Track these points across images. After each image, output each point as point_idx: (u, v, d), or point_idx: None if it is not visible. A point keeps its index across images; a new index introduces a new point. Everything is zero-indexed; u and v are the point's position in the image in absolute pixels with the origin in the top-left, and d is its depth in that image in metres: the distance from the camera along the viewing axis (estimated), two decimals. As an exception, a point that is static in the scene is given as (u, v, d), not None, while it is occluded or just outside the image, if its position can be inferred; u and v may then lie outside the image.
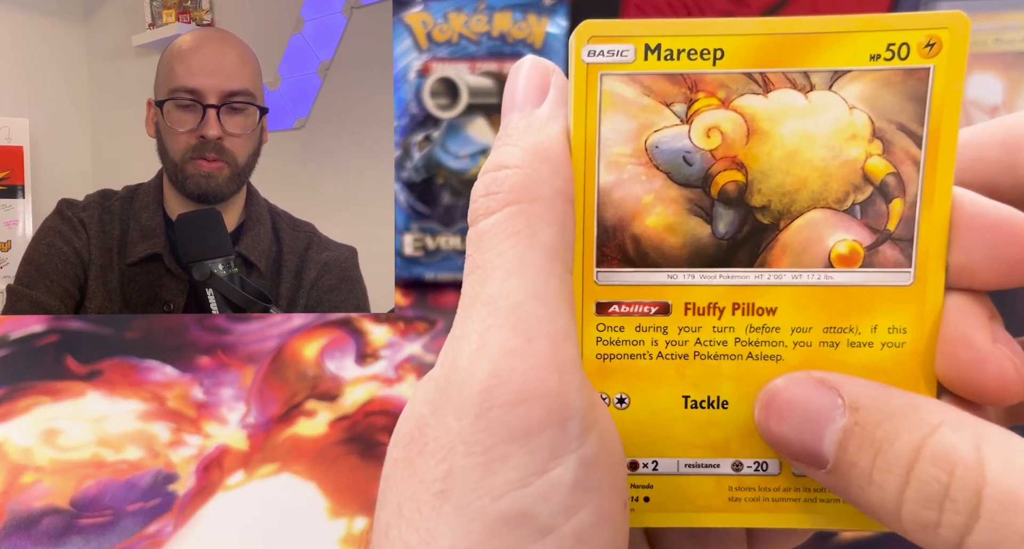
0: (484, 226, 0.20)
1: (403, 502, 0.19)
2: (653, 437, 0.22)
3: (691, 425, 0.22)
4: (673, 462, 0.22)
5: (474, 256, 0.20)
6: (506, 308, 0.19)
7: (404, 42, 0.56)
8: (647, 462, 0.22)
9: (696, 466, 0.22)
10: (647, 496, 0.22)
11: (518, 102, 0.21)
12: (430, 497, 0.18)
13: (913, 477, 0.18)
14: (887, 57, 0.20)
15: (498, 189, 0.20)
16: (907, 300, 0.21)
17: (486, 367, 0.19)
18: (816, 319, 0.21)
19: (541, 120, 0.21)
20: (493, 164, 0.21)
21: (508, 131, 0.21)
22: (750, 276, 0.21)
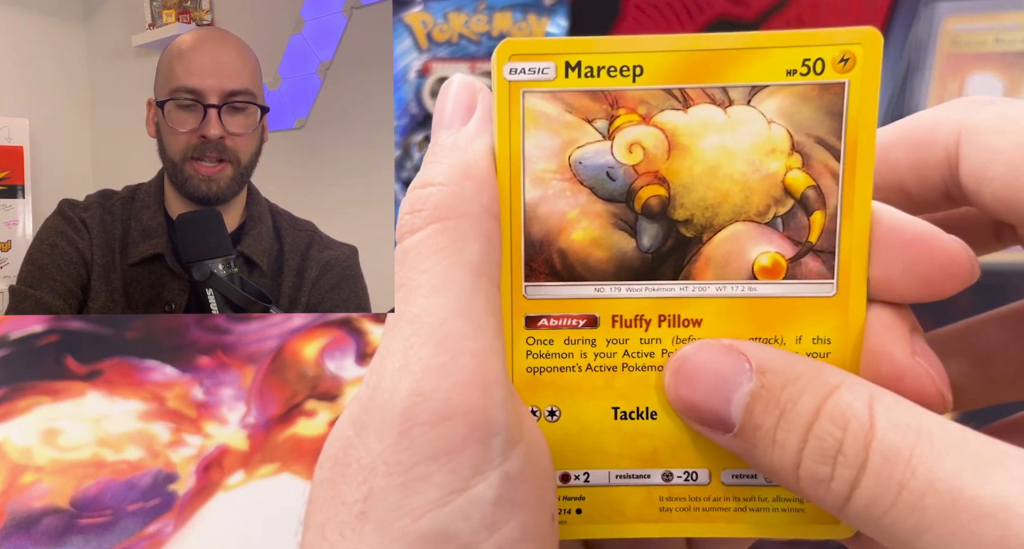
0: (409, 244, 0.20)
1: (326, 524, 0.19)
2: (584, 449, 0.22)
3: (621, 436, 0.22)
4: (604, 473, 0.22)
5: (400, 274, 0.20)
6: (430, 325, 0.19)
7: (404, 42, 0.56)
8: (578, 474, 0.22)
9: (627, 477, 0.22)
10: (579, 508, 0.22)
11: (446, 121, 0.22)
12: (351, 518, 0.18)
13: (811, 435, 0.18)
14: (803, 72, 0.21)
15: (423, 206, 0.20)
16: (830, 311, 0.21)
17: (408, 386, 0.18)
18: (742, 330, 0.21)
19: (467, 138, 0.21)
20: (419, 182, 0.21)
21: (435, 149, 0.21)
22: (675, 288, 0.21)
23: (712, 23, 0.57)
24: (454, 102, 0.22)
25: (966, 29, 0.55)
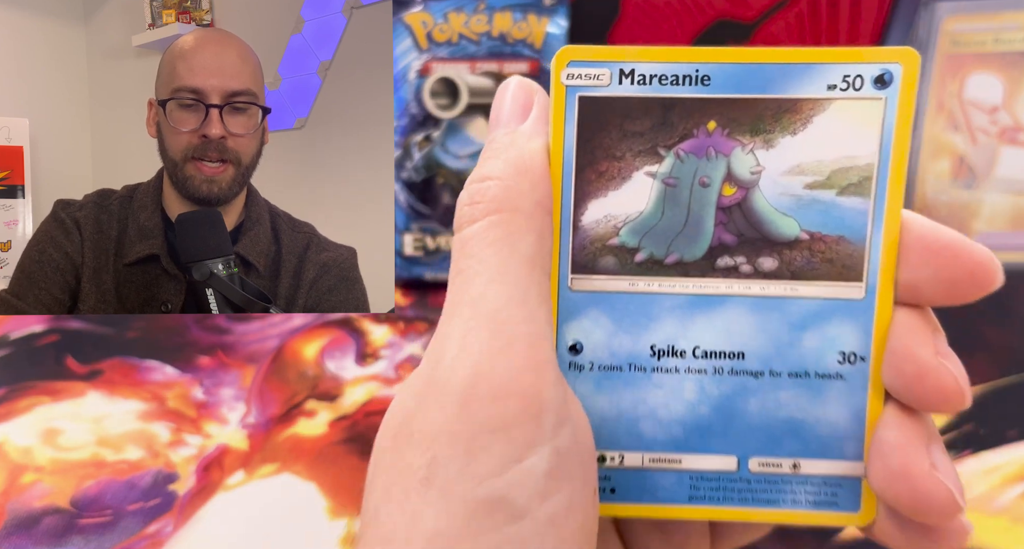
0: (467, 233, 0.22)
1: (391, 487, 0.20)
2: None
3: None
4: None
5: (458, 261, 0.22)
6: (487, 311, 0.21)
7: (404, 42, 0.56)
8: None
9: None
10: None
11: (503, 119, 0.23)
12: (415, 483, 0.20)
13: None
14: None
15: (481, 199, 0.22)
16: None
17: (468, 365, 0.20)
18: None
19: (524, 136, 0.23)
20: (478, 176, 0.23)
21: (493, 146, 0.23)
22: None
23: (712, 23, 0.57)
24: (511, 102, 0.23)
25: (966, 29, 0.56)
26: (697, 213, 0.23)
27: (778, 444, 0.23)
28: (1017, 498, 0.50)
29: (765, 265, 0.23)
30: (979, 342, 0.54)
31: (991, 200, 0.55)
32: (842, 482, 0.24)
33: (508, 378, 0.20)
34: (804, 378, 0.23)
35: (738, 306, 0.23)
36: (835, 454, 0.23)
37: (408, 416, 0.21)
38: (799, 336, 0.23)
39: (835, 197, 0.23)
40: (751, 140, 0.23)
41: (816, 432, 0.23)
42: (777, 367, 0.23)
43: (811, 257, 0.23)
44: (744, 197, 0.23)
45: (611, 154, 0.23)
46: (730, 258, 0.23)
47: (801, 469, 0.23)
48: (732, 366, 0.23)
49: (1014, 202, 0.55)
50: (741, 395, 0.23)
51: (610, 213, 0.23)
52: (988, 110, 0.56)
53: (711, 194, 0.23)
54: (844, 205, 0.23)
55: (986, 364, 0.53)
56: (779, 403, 0.23)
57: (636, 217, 0.23)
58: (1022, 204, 0.55)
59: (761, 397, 0.23)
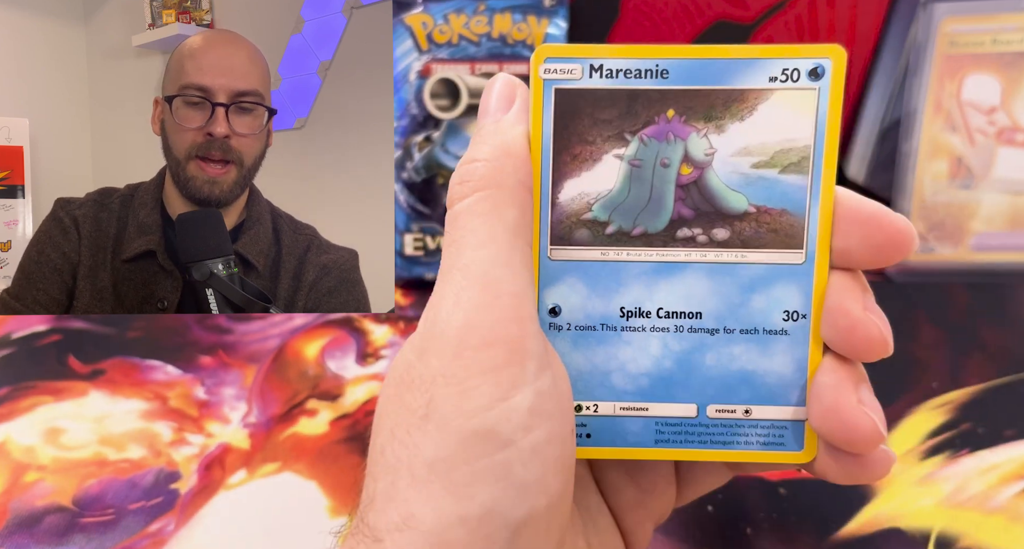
0: (458, 208, 0.25)
1: (394, 427, 0.23)
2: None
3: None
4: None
5: (451, 233, 0.25)
6: (476, 273, 0.23)
7: (405, 43, 0.56)
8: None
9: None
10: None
11: (490, 110, 0.26)
12: (416, 420, 0.22)
13: None
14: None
15: (470, 178, 0.25)
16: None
17: (460, 318, 0.23)
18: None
19: (507, 124, 0.26)
20: (467, 158, 0.25)
21: (480, 133, 0.26)
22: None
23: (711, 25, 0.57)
24: (497, 95, 0.26)
25: (964, 30, 0.56)
26: (659, 190, 0.26)
27: (732, 393, 0.27)
28: (1014, 497, 0.51)
29: (719, 235, 0.26)
30: (977, 342, 0.54)
31: (989, 200, 0.56)
32: (788, 425, 0.27)
33: (496, 328, 0.23)
34: (754, 334, 0.26)
35: (696, 271, 0.26)
36: (782, 401, 0.27)
37: (409, 367, 0.23)
38: (749, 297, 0.26)
39: (778, 175, 0.26)
40: (705, 126, 0.26)
41: (765, 381, 0.27)
42: (730, 325, 0.26)
43: (758, 228, 0.26)
44: (699, 176, 0.26)
45: (584, 139, 0.26)
46: (688, 229, 0.26)
47: (752, 414, 0.27)
48: (691, 325, 0.26)
49: (1012, 202, 0.56)
50: (699, 350, 0.26)
51: (583, 191, 0.26)
52: (986, 111, 0.56)
53: (671, 173, 0.26)
54: (786, 182, 0.26)
55: (984, 364, 0.53)
56: (732, 356, 0.26)
57: (606, 194, 0.26)
58: (1020, 204, 0.56)
59: (717, 351, 0.26)
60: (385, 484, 0.22)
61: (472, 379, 0.22)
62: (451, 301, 0.23)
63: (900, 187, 0.56)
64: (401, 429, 0.23)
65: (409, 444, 0.22)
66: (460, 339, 0.23)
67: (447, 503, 0.21)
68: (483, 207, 0.24)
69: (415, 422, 0.22)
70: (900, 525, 0.50)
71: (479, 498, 0.21)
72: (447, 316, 0.23)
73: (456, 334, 0.23)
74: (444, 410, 0.22)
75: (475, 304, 0.23)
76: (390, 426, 0.23)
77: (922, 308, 0.22)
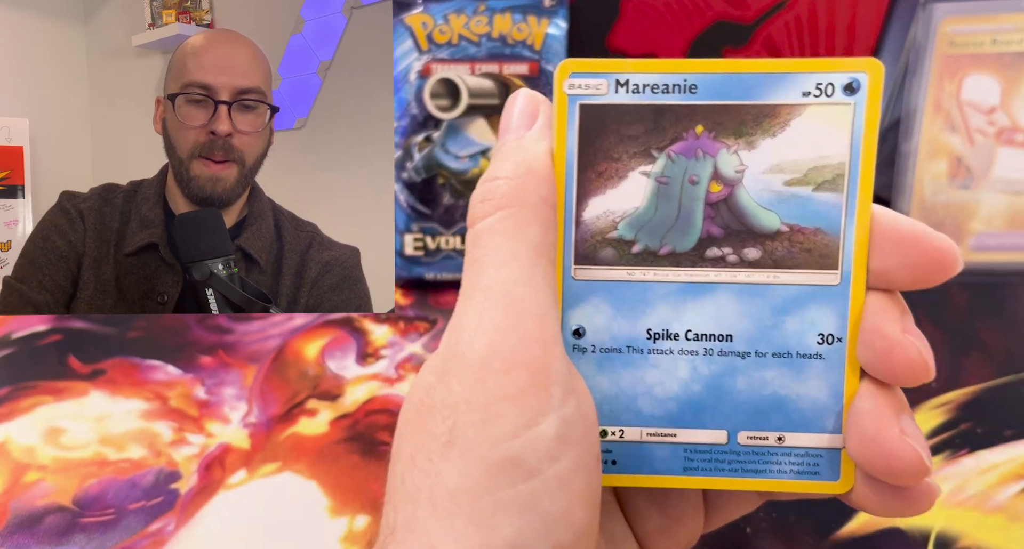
0: (480, 227, 0.24)
1: (415, 453, 0.22)
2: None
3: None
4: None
5: (472, 252, 0.24)
6: (499, 293, 0.23)
7: (405, 43, 0.56)
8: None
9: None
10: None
11: (512, 126, 0.26)
12: (438, 447, 0.22)
13: None
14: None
15: (492, 196, 0.24)
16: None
17: (483, 341, 0.22)
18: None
19: (530, 140, 0.25)
20: (489, 176, 0.25)
21: (502, 149, 0.25)
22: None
23: (711, 25, 0.57)
24: (519, 111, 0.26)
25: (963, 30, 0.56)
26: (687, 208, 0.25)
27: (764, 419, 0.26)
28: (1014, 496, 0.51)
29: (749, 255, 0.25)
30: (976, 342, 0.54)
31: (989, 200, 0.56)
32: (823, 453, 0.26)
33: (519, 350, 0.22)
34: (787, 358, 0.25)
35: (726, 292, 0.25)
36: (816, 428, 0.25)
37: (430, 390, 0.23)
38: (781, 319, 0.25)
39: (811, 193, 0.25)
40: (735, 142, 0.25)
41: (799, 407, 0.25)
42: (762, 348, 0.25)
43: (791, 247, 0.25)
44: (729, 193, 0.25)
45: (609, 156, 0.25)
46: (718, 249, 0.25)
47: (785, 442, 0.26)
48: (721, 347, 0.25)
49: (1011, 202, 0.56)
50: (730, 374, 0.25)
51: (609, 209, 0.25)
52: (985, 111, 0.56)
53: (700, 191, 0.25)
54: (820, 200, 0.25)
55: (983, 364, 0.53)
56: (764, 381, 0.25)
57: (632, 212, 0.25)
58: (1019, 204, 0.56)
59: (748, 376, 0.25)
60: (405, 514, 0.22)
61: (495, 405, 0.22)
62: (473, 322, 0.23)
63: (900, 187, 0.56)
64: (422, 455, 0.22)
65: (431, 472, 0.22)
66: (482, 362, 0.22)
67: (470, 535, 0.21)
68: (505, 226, 0.24)
69: (437, 449, 0.22)
70: (900, 525, 0.50)
71: (503, 531, 0.21)
72: (469, 338, 0.22)
73: (478, 357, 0.22)
74: (467, 437, 0.21)
75: (498, 325, 0.22)
76: (410, 451, 0.22)
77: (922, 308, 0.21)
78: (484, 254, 0.24)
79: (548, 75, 0.55)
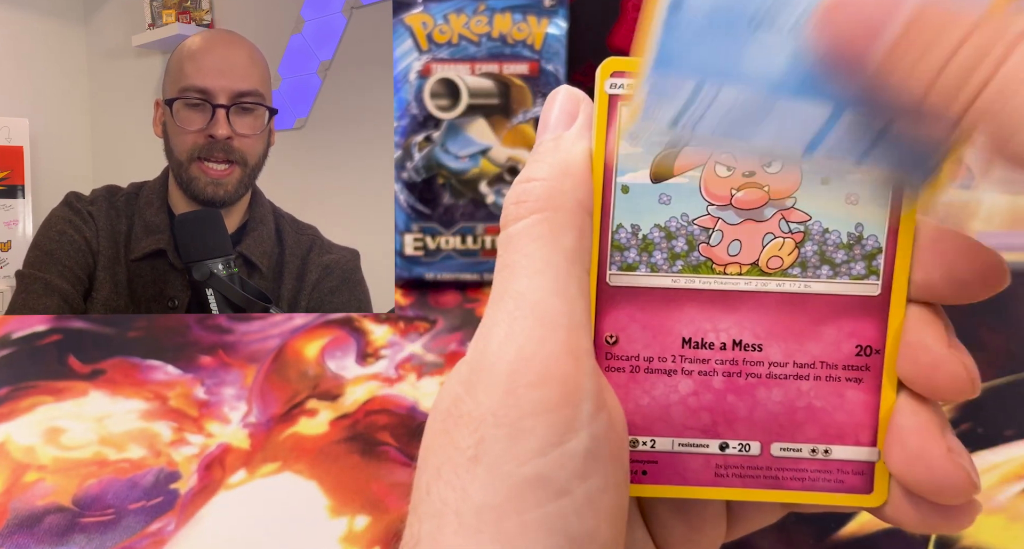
0: (513, 230, 0.23)
1: (441, 466, 0.22)
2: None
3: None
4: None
5: (504, 256, 0.23)
6: (531, 302, 0.22)
7: (405, 43, 0.56)
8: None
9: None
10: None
11: (551, 125, 0.24)
12: (465, 461, 0.21)
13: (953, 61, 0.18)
14: None
15: (527, 198, 0.23)
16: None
17: (513, 352, 0.21)
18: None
19: (568, 141, 0.24)
20: (524, 177, 0.24)
21: (539, 149, 0.24)
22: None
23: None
24: (559, 110, 0.25)
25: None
26: None
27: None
28: (1014, 496, 0.51)
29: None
30: (977, 342, 0.54)
31: (989, 200, 0.56)
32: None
33: (549, 363, 0.21)
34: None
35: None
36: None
37: (457, 400, 0.22)
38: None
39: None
40: None
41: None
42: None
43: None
44: None
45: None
46: None
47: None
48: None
49: (1012, 202, 0.56)
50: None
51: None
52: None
53: None
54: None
55: (984, 364, 0.53)
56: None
57: None
58: (1020, 204, 0.56)
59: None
60: (431, 527, 0.21)
61: (524, 420, 0.21)
62: (503, 331, 0.22)
63: (900, 187, 0.56)
64: (448, 468, 0.21)
65: (457, 487, 0.21)
66: (512, 375, 0.21)
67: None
68: (539, 230, 0.23)
69: (463, 463, 0.21)
70: (900, 525, 0.50)
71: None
72: (498, 348, 0.22)
73: (508, 368, 0.21)
74: (495, 453, 0.21)
75: (528, 336, 0.22)
76: (436, 464, 0.22)
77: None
78: (517, 259, 0.23)
79: (548, 75, 0.55)
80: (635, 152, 0.24)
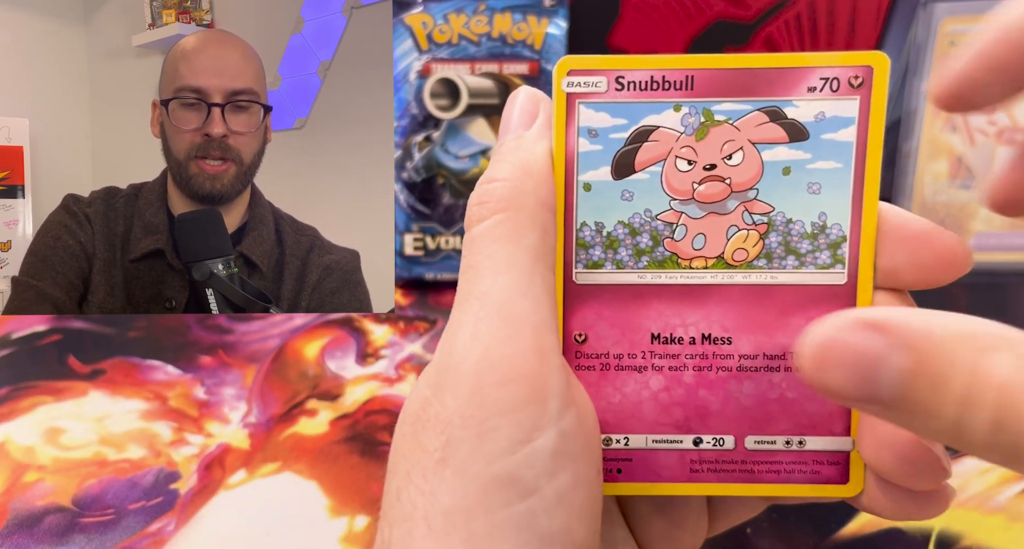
0: (476, 231, 0.23)
1: (411, 469, 0.21)
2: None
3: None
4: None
5: (468, 257, 0.23)
6: (495, 302, 0.22)
7: (405, 43, 0.56)
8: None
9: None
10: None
11: (512, 126, 0.25)
12: (432, 464, 0.21)
13: (969, 403, 0.17)
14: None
15: (489, 199, 0.23)
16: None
17: (478, 352, 0.21)
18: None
19: (529, 141, 0.24)
20: (486, 178, 0.24)
21: (501, 150, 0.24)
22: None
23: (711, 24, 0.57)
24: (519, 110, 0.25)
25: (964, 30, 0.56)
26: None
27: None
28: (1014, 497, 0.51)
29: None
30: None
31: (989, 200, 0.56)
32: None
33: (515, 363, 0.21)
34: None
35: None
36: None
37: (424, 403, 0.22)
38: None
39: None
40: None
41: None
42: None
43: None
44: None
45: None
46: None
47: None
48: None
49: (1011, 202, 0.56)
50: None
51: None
52: (986, 111, 0.56)
53: None
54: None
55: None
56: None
57: None
58: (1019, 204, 0.56)
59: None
60: (400, 532, 0.21)
61: (491, 419, 0.21)
62: (468, 332, 0.22)
63: (900, 187, 0.56)
64: (417, 472, 0.21)
65: (426, 490, 0.21)
66: (478, 375, 0.21)
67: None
68: (502, 230, 0.23)
69: (431, 466, 0.21)
70: (900, 525, 0.50)
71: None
72: (463, 349, 0.22)
73: (473, 369, 0.21)
74: (462, 454, 0.21)
75: (494, 336, 0.21)
76: (406, 468, 0.22)
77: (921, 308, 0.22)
78: (480, 260, 0.23)
79: (548, 75, 0.55)
80: (596, 149, 0.24)
